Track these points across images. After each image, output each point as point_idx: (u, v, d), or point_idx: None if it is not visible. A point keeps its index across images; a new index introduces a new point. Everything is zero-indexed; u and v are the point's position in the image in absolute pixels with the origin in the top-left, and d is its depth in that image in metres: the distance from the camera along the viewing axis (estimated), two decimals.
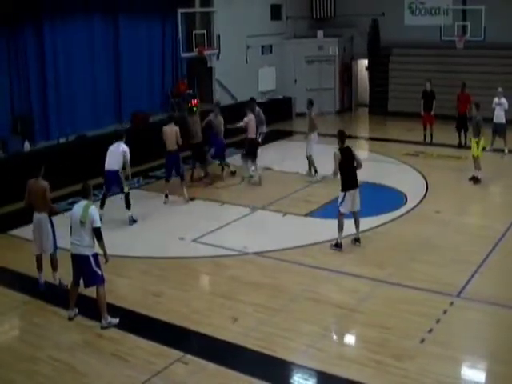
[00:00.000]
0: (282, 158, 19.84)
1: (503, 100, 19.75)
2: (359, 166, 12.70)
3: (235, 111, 21.09)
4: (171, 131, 15.69)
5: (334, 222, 12.64)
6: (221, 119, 17.79)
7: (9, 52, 17.82)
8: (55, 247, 11.13)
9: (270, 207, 15.38)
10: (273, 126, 22.52)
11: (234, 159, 18.81)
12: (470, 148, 17.38)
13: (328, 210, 15.10)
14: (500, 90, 19.99)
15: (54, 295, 10.96)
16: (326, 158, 13.54)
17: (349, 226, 12.87)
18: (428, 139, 21.64)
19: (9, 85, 17.93)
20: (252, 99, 18.84)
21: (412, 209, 14.99)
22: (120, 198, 15.05)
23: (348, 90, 29.19)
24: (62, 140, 18.60)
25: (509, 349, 8.91)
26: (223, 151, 18.16)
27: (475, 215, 14.89)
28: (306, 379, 8.41)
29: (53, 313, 10.36)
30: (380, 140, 22.72)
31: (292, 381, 8.45)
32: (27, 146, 17.35)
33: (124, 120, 20.99)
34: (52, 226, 11.08)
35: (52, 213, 11.38)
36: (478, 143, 16.52)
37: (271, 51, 27.27)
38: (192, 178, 17.59)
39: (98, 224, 9.65)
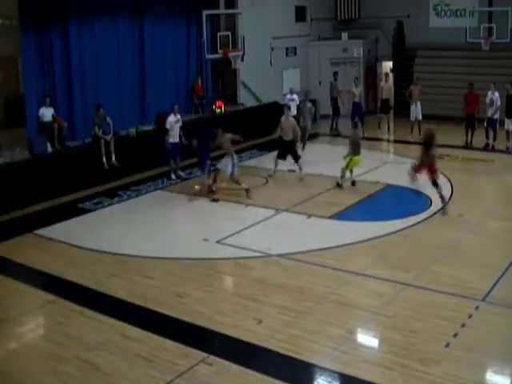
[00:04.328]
0: (306, 160, 19.81)
1: None
2: None
3: (260, 113, 21.22)
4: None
5: (358, 225, 12.60)
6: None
7: (35, 53, 18.01)
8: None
9: (295, 209, 15.37)
10: None
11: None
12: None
13: (352, 213, 15.12)
14: None
15: (79, 295, 11.07)
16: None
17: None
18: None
19: (35, 86, 18.11)
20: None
21: (437, 212, 14.88)
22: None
23: (373, 92, 29.08)
24: (87, 140, 18.72)
25: None
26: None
27: (501, 218, 14.70)
28: (329, 382, 8.36)
29: (78, 312, 10.42)
30: (404, 143, 22.58)
31: (316, 383, 8.42)
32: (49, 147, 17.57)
33: (148, 121, 21.11)
34: None
35: None
36: None
37: (295, 53, 27.28)
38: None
39: None
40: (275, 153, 18.43)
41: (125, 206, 16.35)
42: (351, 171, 16.86)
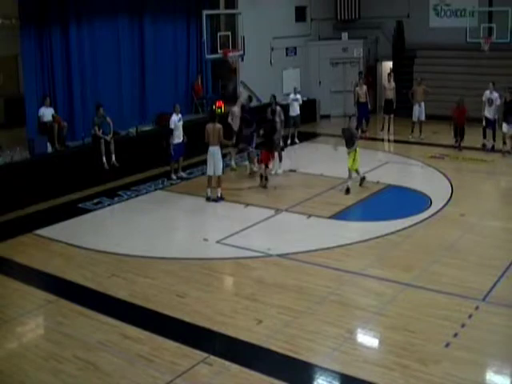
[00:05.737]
0: (306, 160, 19.85)
1: None
2: None
3: (260, 112, 21.20)
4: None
5: (358, 225, 12.60)
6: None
7: (35, 53, 18.00)
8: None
9: (295, 209, 15.37)
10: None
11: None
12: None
13: (352, 213, 15.13)
14: None
15: (79, 295, 11.08)
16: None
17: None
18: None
19: (35, 86, 18.11)
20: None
21: (437, 212, 14.87)
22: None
23: (373, 92, 29.00)
24: (87, 140, 18.70)
25: None
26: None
27: (501, 219, 14.68)
28: (329, 382, 8.37)
29: (78, 312, 10.43)
30: (405, 142, 22.58)
31: (316, 383, 8.42)
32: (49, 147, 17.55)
33: (148, 121, 21.09)
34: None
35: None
36: None
37: (295, 53, 27.21)
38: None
39: None
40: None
41: (125, 206, 16.34)
42: (357, 170, 16.71)
